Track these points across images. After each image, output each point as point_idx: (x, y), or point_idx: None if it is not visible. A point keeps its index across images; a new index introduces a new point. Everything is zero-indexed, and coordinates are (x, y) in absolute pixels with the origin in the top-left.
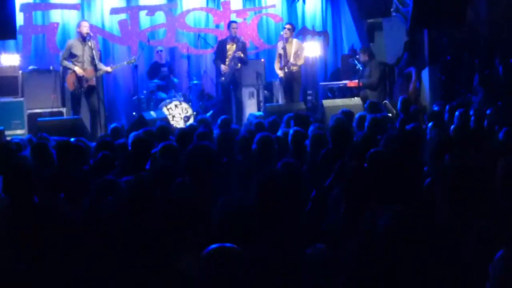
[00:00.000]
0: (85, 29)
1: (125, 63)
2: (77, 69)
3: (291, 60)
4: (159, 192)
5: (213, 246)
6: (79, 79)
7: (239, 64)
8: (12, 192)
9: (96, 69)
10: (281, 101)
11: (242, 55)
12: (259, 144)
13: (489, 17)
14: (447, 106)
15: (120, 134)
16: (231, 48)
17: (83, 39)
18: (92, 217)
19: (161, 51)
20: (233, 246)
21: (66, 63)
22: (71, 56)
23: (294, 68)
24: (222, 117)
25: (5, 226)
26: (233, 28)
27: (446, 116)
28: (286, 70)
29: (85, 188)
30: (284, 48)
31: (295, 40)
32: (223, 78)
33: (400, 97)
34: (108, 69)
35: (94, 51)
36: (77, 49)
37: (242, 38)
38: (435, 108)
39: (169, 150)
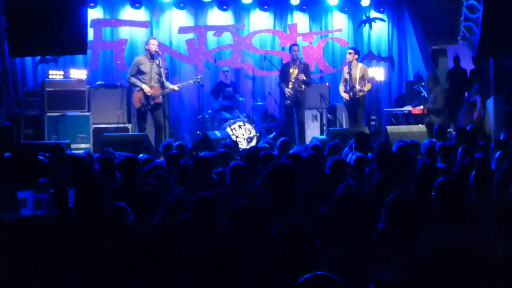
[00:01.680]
0: (153, 47)
1: (191, 81)
2: (145, 87)
3: (357, 85)
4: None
5: (309, 275)
6: (146, 97)
7: (303, 86)
8: (84, 205)
9: (163, 86)
10: (344, 125)
11: (304, 78)
12: (332, 167)
13: None
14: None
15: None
16: (293, 71)
17: (151, 56)
18: (162, 233)
19: (227, 71)
20: (329, 274)
21: (134, 80)
22: (139, 72)
23: (360, 94)
24: (282, 139)
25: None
26: (294, 51)
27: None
28: (351, 95)
29: (155, 203)
30: (349, 73)
31: (360, 64)
32: (288, 102)
33: (469, 126)
34: (175, 87)
35: (161, 69)
36: (145, 66)
37: (304, 60)
38: (502, 137)
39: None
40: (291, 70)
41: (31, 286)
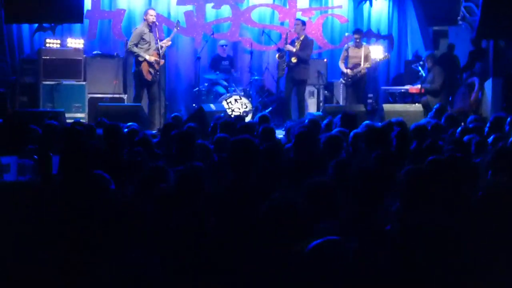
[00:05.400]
0: (151, 17)
1: (175, 29)
2: (150, 58)
3: (362, 63)
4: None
5: (318, 241)
6: (152, 66)
7: (293, 59)
8: (67, 170)
9: (159, 53)
10: (341, 102)
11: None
12: (326, 144)
13: None
14: (508, 118)
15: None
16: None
17: (150, 27)
18: (140, 201)
19: (225, 45)
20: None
21: (136, 49)
22: (140, 42)
23: (363, 71)
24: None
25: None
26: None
27: (507, 128)
28: (355, 73)
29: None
30: (351, 51)
31: (364, 44)
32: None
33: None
34: (167, 42)
35: (158, 40)
36: (146, 35)
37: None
38: (495, 119)
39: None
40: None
41: (11, 254)
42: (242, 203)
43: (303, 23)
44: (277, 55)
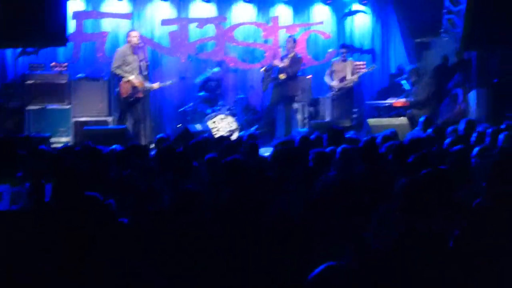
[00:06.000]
0: (134, 39)
1: (169, 82)
2: (133, 78)
3: (348, 76)
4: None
5: (321, 267)
6: (134, 88)
7: (281, 75)
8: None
9: (145, 80)
10: (328, 117)
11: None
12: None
13: None
14: (489, 129)
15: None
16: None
17: (133, 48)
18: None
19: (217, 72)
20: (339, 263)
21: (120, 71)
22: (123, 63)
23: (350, 84)
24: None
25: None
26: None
27: (487, 139)
28: (342, 85)
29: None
30: (337, 65)
31: (350, 59)
32: (263, 70)
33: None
34: (155, 85)
35: (142, 62)
36: (129, 57)
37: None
38: (482, 131)
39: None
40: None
41: (7, 280)
42: (242, 219)
43: (294, 40)
44: (263, 69)
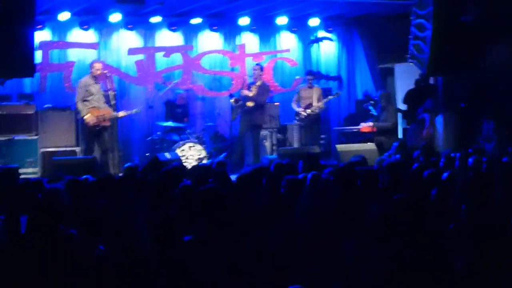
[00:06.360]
0: (97, 71)
1: (133, 111)
2: (88, 117)
3: (315, 103)
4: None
5: None
6: (98, 117)
7: (249, 103)
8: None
9: (113, 109)
10: (296, 144)
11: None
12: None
13: (500, 65)
14: (458, 154)
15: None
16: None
17: (96, 78)
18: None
19: (182, 94)
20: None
21: (80, 107)
22: (87, 94)
23: (316, 110)
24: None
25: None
26: (255, 70)
27: (457, 163)
28: (309, 113)
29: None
30: (304, 92)
31: (316, 86)
32: (232, 101)
33: (422, 143)
34: (120, 114)
35: (109, 91)
36: (92, 88)
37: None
38: (449, 154)
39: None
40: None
41: None
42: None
43: (261, 68)
44: (232, 100)
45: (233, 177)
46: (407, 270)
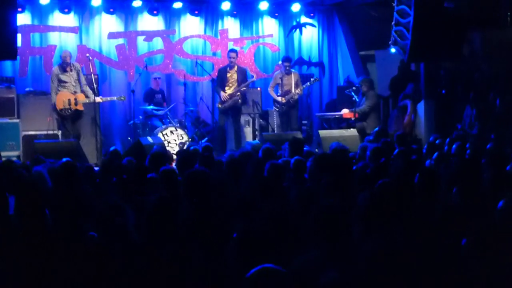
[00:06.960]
0: (65, 58)
1: (115, 98)
2: (57, 101)
3: (293, 89)
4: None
5: (257, 268)
6: (68, 101)
7: (239, 101)
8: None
9: (85, 94)
10: (276, 130)
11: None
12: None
13: (483, 51)
14: (447, 139)
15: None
16: (231, 75)
17: (65, 67)
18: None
19: (159, 78)
20: (276, 267)
21: (53, 94)
22: (60, 82)
23: (295, 97)
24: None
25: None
26: (232, 57)
27: (445, 148)
28: (287, 99)
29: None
30: (282, 78)
31: (293, 71)
32: (219, 105)
33: (396, 133)
34: (98, 99)
35: (91, 75)
36: (64, 75)
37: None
38: (432, 141)
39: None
40: (228, 75)
41: None
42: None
43: (237, 53)
44: (219, 105)
45: None
46: (399, 255)
